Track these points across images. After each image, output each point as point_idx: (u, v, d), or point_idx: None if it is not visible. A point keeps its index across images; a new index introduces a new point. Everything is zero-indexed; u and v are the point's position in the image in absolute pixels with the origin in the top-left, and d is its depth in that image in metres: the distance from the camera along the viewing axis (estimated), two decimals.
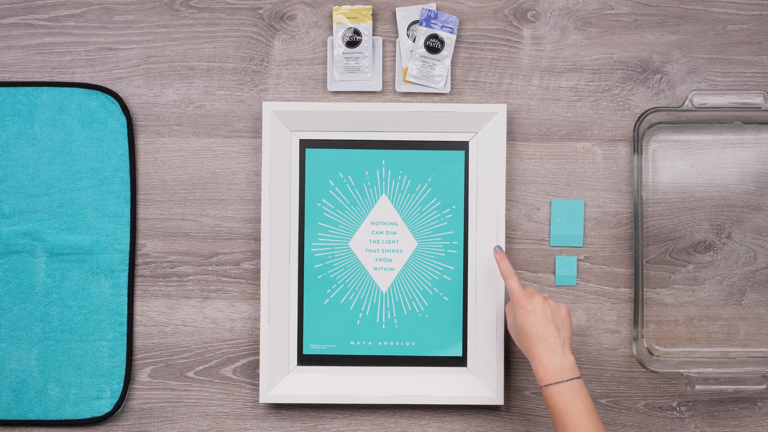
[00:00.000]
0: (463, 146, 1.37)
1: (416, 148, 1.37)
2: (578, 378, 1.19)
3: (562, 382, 1.18)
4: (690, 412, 1.38)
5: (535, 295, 1.23)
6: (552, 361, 1.19)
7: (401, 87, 1.38)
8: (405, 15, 1.38)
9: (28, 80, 1.38)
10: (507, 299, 1.37)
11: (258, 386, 1.38)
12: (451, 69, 1.38)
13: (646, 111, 1.34)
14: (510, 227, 1.38)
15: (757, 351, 1.38)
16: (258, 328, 1.38)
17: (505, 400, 1.38)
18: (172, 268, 1.38)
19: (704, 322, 1.38)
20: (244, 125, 1.39)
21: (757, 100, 1.34)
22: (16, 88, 1.37)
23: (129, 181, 1.37)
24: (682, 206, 1.38)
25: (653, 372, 1.33)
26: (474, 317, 1.36)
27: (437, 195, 1.38)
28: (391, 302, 1.38)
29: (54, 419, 1.36)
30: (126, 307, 1.37)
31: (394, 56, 1.38)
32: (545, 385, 1.19)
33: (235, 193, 1.39)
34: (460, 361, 1.37)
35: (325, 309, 1.38)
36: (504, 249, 1.31)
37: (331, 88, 1.38)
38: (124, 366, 1.37)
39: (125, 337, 1.37)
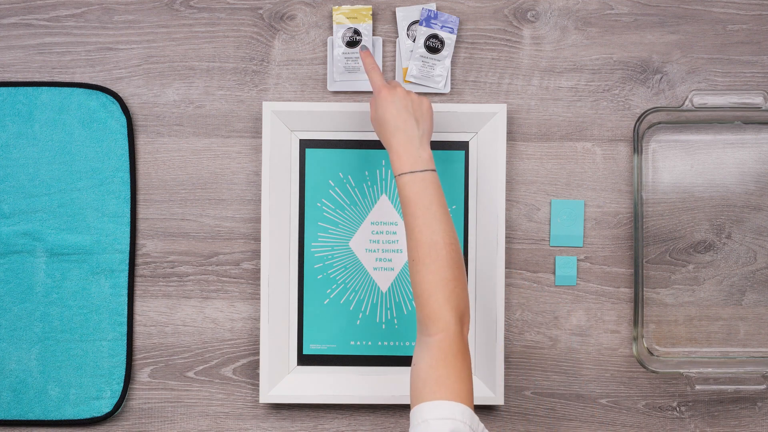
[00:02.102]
0: (463, 146, 1.37)
1: None
2: (432, 170, 1.18)
3: (416, 172, 1.18)
4: (690, 412, 1.38)
5: (398, 87, 1.23)
6: (408, 152, 1.19)
7: None
8: (405, 15, 1.38)
9: (28, 80, 1.38)
10: (508, 301, 1.37)
11: (258, 386, 1.38)
12: (451, 69, 1.38)
13: (646, 111, 1.34)
14: (510, 227, 1.38)
15: (757, 351, 1.38)
16: (258, 328, 1.38)
17: (505, 400, 1.38)
18: (172, 268, 1.38)
19: (704, 322, 1.38)
20: (244, 125, 1.39)
21: (757, 100, 1.34)
22: (16, 88, 1.37)
23: (129, 181, 1.37)
24: (682, 206, 1.38)
25: (653, 372, 1.33)
26: (474, 317, 1.36)
27: None
28: (391, 302, 1.38)
29: (54, 419, 1.36)
30: (126, 307, 1.37)
31: (394, 56, 1.38)
32: (399, 175, 1.18)
33: (235, 193, 1.39)
34: None
35: (325, 309, 1.38)
36: (368, 48, 1.32)
37: (331, 88, 1.38)
38: (124, 366, 1.37)
39: (125, 337, 1.37)
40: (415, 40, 1.37)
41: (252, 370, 1.38)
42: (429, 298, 1.14)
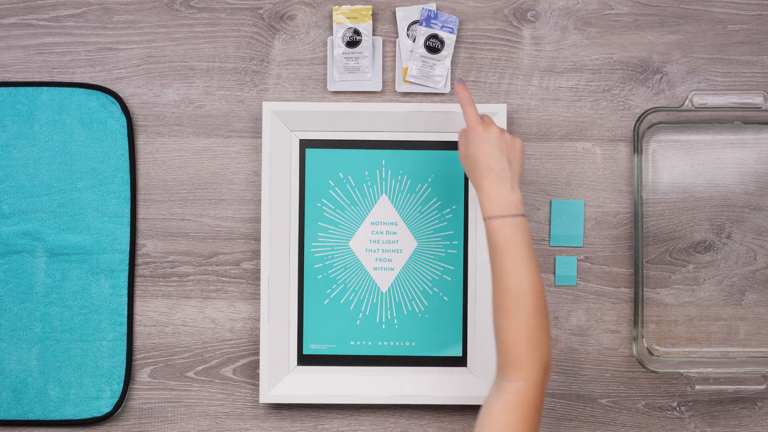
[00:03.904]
0: None
1: (416, 148, 1.37)
2: (522, 215, 1.16)
3: (506, 216, 1.15)
4: (690, 412, 1.38)
5: (492, 126, 1.19)
6: (500, 194, 1.16)
7: (401, 87, 1.38)
8: (405, 15, 1.38)
9: (28, 80, 1.38)
10: None
11: (258, 386, 1.38)
12: (451, 69, 1.38)
13: (646, 111, 1.34)
14: None
15: (757, 351, 1.38)
16: (258, 328, 1.38)
17: None
18: (172, 268, 1.38)
19: (704, 322, 1.38)
20: (244, 125, 1.39)
21: (757, 100, 1.34)
22: (16, 88, 1.37)
23: (129, 181, 1.37)
24: (682, 206, 1.38)
25: (653, 372, 1.33)
26: (474, 317, 1.36)
27: (437, 195, 1.38)
28: (391, 302, 1.38)
29: (54, 419, 1.36)
30: (126, 307, 1.37)
31: (394, 56, 1.38)
32: (488, 217, 1.16)
33: (235, 193, 1.39)
34: (460, 361, 1.37)
35: (325, 309, 1.38)
36: (464, 81, 1.26)
37: (331, 88, 1.38)
38: (124, 366, 1.37)
39: (125, 337, 1.37)
40: (415, 40, 1.37)
41: (252, 370, 1.38)
42: (513, 345, 1.12)
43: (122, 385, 1.37)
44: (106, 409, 1.37)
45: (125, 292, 1.37)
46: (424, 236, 1.38)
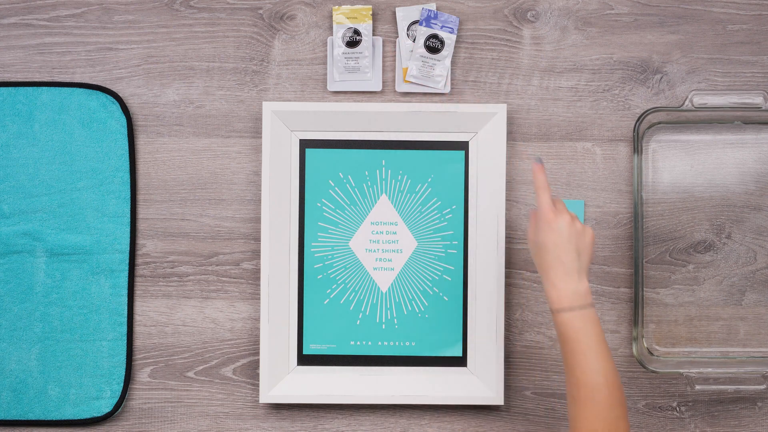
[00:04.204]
0: (463, 146, 1.37)
1: (416, 148, 1.37)
2: (591, 305, 1.14)
3: (575, 309, 1.13)
4: (690, 412, 1.38)
5: (564, 213, 1.16)
6: (567, 287, 1.13)
7: (401, 87, 1.38)
8: (405, 15, 1.38)
9: (28, 80, 1.38)
10: (508, 301, 1.37)
11: (258, 386, 1.38)
12: (451, 69, 1.38)
13: (646, 111, 1.34)
14: (510, 227, 1.38)
15: (757, 351, 1.38)
16: (258, 328, 1.38)
17: (505, 400, 1.38)
18: (172, 268, 1.38)
19: (704, 322, 1.38)
20: (244, 125, 1.39)
21: (757, 100, 1.34)
22: (16, 88, 1.37)
23: (129, 181, 1.37)
24: (682, 206, 1.38)
25: (653, 372, 1.33)
26: (474, 317, 1.36)
27: (437, 195, 1.38)
28: (391, 302, 1.38)
29: (54, 419, 1.36)
30: (126, 307, 1.37)
31: (394, 56, 1.38)
32: (557, 310, 1.13)
33: (235, 193, 1.39)
34: (460, 361, 1.37)
35: (325, 309, 1.38)
36: (543, 162, 1.21)
37: (331, 88, 1.38)
38: (124, 366, 1.37)
39: (125, 337, 1.37)
40: (415, 40, 1.37)
41: (252, 370, 1.38)
42: None
43: (122, 385, 1.37)
44: (106, 409, 1.37)
45: (125, 292, 1.37)
46: (424, 236, 1.38)
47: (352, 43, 1.37)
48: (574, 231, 1.15)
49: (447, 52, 1.37)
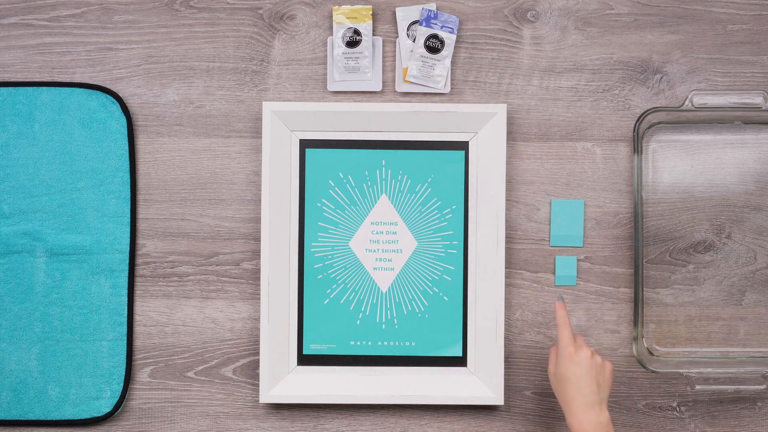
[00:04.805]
0: (463, 146, 1.37)
1: (416, 148, 1.37)
2: None
3: None
4: (690, 412, 1.38)
5: (584, 348, 1.22)
6: (589, 418, 1.19)
7: (401, 87, 1.38)
8: (405, 15, 1.38)
9: (28, 80, 1.38)
10: (508, 301, 1.37)
11: (258, 386, 1.38)
12: (451, 69, 1.38)
13: (646, 111, 1.34)
14: (510, 227, 1.38)
15: (757, 351, 1.38)
16: (258, 328, 1.38)
17: (505, 400, 1.38)
18: (172, 268, 1.38)
19: (704, 322, 1.38)
20: (244, 125, 1.39)
21: (757, 100, 1.34)
22: (16, 88, 1.37)
23: (129, 181, 1.37)
24: (682, 206, 1.38)
25: (653, 372, 1.33)
26: (474, 317, 1.36)
27: (437, 195, 1.38)
28: (391, 302, 1.38)
29: (54, 419, 1.36)
30: (126, 307, 1.37)
31: (394, 56, 1.38)
32: None
33: (235, 193, 1.39)
34: (460, 361, 1.37)
35: (325, 309, 1.38)
36: (564, 299, 1.30)
37: (331, 88, 1.38)
38: (124, 366, 1.37)
39: (125, 337, 1.37)
40: (415, 40, 1.37)
41: (252, 370, 1.38)
42: None
43: (122, 385, 1.37)
44: (106, 409, 1.37)
45: (125, 292, 1.37)
46: (424, 236, 1.38)
47: (352, 43, 1.37)
48: (594, 364, 1.21)
49: (447, 52, 1.37)
